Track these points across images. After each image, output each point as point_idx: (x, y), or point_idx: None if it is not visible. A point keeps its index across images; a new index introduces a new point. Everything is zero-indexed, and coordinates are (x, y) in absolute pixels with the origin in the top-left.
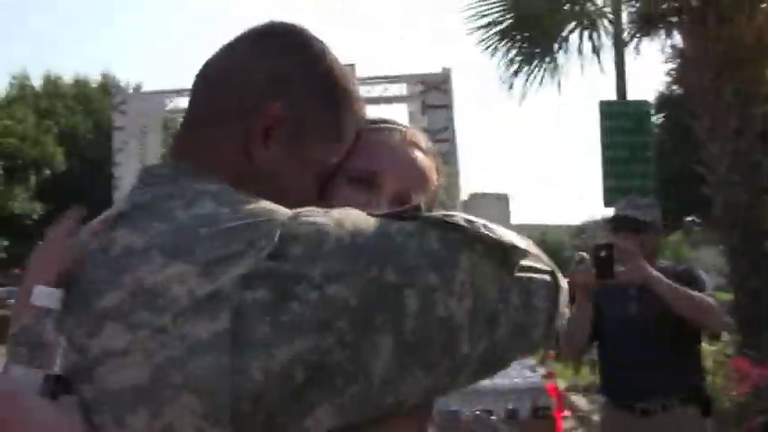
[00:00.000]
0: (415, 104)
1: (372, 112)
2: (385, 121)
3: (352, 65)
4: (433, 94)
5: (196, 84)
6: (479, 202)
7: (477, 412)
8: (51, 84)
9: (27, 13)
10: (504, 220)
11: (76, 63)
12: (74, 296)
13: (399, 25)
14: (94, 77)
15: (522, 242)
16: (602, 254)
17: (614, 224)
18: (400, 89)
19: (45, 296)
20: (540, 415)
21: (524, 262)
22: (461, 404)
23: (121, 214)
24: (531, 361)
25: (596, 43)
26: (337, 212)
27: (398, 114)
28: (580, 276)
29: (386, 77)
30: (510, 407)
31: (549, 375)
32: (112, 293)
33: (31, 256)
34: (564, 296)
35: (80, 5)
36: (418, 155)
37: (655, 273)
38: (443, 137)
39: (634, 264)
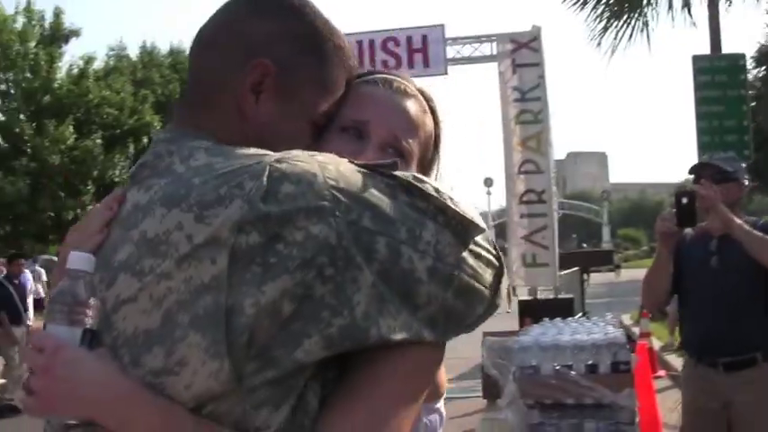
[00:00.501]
0: (505, 63)
1: (462, 71)
2: (374, 72)
3: (442, 25)
4: (523, 52)
5: (192, 49)
6: (577, 160)
7: (557, 367)
8: (147, 53)
9: None
10: (602, 178)
11: (172, 32)
12: (97, 256)
13: None
14: (189, 45)
15: (480, 222)
16: (684, 201)
17: (696, 173)
18: (490, 48)
19: (79, 260)
20: (621, 370)
21: (478, 239)
22: (541, 359)
23: (131, 176)
24: (614, 317)
25: None
26: (322, 157)
27: (489, 73)
28: (661, 224)
29: (475, 37)
30: (590, 362)
31: (644, 335)
32: (124, 247)
33: (70, 228)
34: (504, 284)
35: None
36: (407, 102)
37: (736, 219)
38: (534, 95)
39: (714, 209)
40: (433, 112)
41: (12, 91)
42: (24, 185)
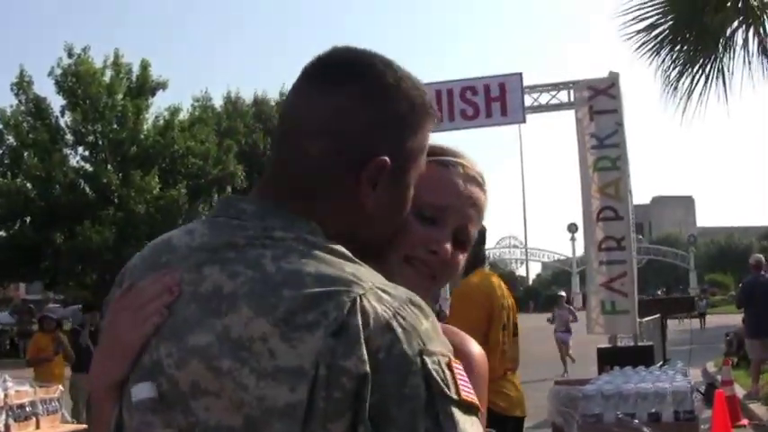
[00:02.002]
0: (582, 110)
1: (540, 119)
2: (441, 152)
3: (520, 74)
4: (600, 98)
5: (281, 124)
6: (663, 204)
7: (620, 415)
8: (231, 103)
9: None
10: (689, 222)
11: (256, 83)
12: (164, 327)
13: (564, 31)
14: (272, 96)
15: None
16: None
17: None
18: (567, 95)
19: (144, 390)
20: (683, 418)
21: None
22: (604, 407)
23: (206, 248)
24: (684, 366)
25: (762, 39)
26: (415, 314)
27: (566, 120)
28: None
29: (552, 84)
30: (653, 410)
31: (726, 383)
32: (201, 333)
33: (113, 300)
34: None
35: (259, 30)
36: (477, 191)
37: None
38: (612, 141)
39: None
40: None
41: (100, 142)
42: (111, 234)
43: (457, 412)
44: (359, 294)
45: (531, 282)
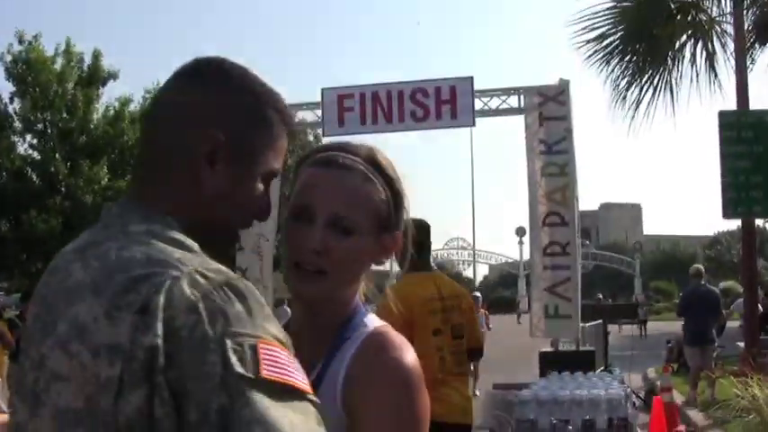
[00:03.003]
0: (532, 116)
1: (490, 123)
2: (322, 149)
3: (471, 77)
4: (550, 105)
5: (142, 123)
6: (612, 211)
7: (554, 421)
8: None
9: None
10: (636, 229)
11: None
12: (40, 312)
13: (514, 37)
14: None
15: None
16: None
17: None
18: (517, 101)
19: None
20: (617, 426)
21: None
22: (538, 413)
23: (78, 249)
24: (621, 372)
25: (711, 53)
26: (229, 294)
27: (516, 126)
28: None
29: (503, 90)
30: (587, 417)
31: (665, 389)
32: (62, 323)
33: None
34: None
35: (215, 23)
36: (345, 178)
37: None
38: (561, 148)
39: None
40: (384, 174)
41: (48, 131)
42: (57, 224)
43: (255, 392)
44: (172, 277)
45: (477, 284)
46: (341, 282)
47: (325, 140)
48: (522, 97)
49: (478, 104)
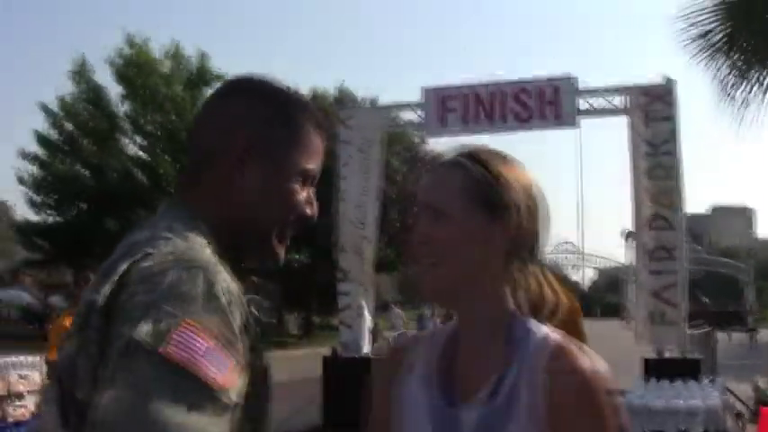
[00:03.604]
0: (637, 116)
1: (596, 123)
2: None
3: (575, 78)
4: (656, 105)
5: (189, 133)
6: (724, 215)
7: (646, 431)
8: None
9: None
10: (749, 233)
11: (313, 77)
12: None
13: (619, 36)
14: (331, 91)
15: None
16: None
17: None
18: (622, 101)
19: None
20: None
21: None
22: (629, 422)
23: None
24: (724, 382)
25: None
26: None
27: (620, 126)
28: None
29: (608, 89)
30: (682, 428)
31: None
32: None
33: None
34: None
35: (318, 26)
36: (434, 173)
37: None
38: (667, 149)
39: None
40: (478, 159)
41: (156, 132)
42: None
43: (145, 362)
44: (146, 252)
45: (586, 288)
46: (458, 271)
47: (430, 141)
48: (626, 97)
49: (582, 104)
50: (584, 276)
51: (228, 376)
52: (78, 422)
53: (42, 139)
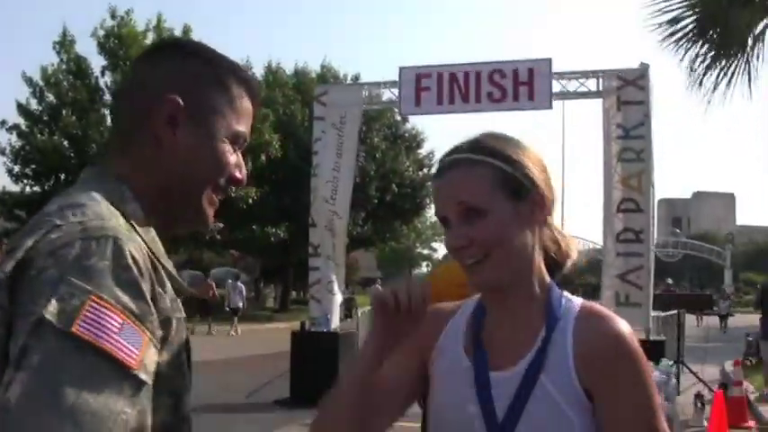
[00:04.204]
0: (610, 100)
1: (579, 106)
2: (438, 162)
3: (549, 59)
4: (629, 89)
5: (116, 96)
6: (704, 200)
7: None
8: (272, 73)
9: (258, 11)
10: (729, 219)
11: (297, 53)
12: None
13: (593, 20)
14: (314, 68)
15: None
16: None
17: None
18: (596, 84)
19: None
20: None
21: None
22: None
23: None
24: (672, 366)
25: None
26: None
27: (590, 109)
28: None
29: (581, 72)
30: None
31: (737, 383)
32: None
33: None
34: None
35: (303, 3)
36: (455, 175)
37: None
38: (638, 133)
39: None
40: (491, 151)
41: None
42: None
43: (55, 342)
44: (54, 225)
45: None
46: (502, 258)
47: (403, 120)
48: (600, 80)
49: (556, 87)
50: None
51: (143, 352)
52: None
53: (23, 110)
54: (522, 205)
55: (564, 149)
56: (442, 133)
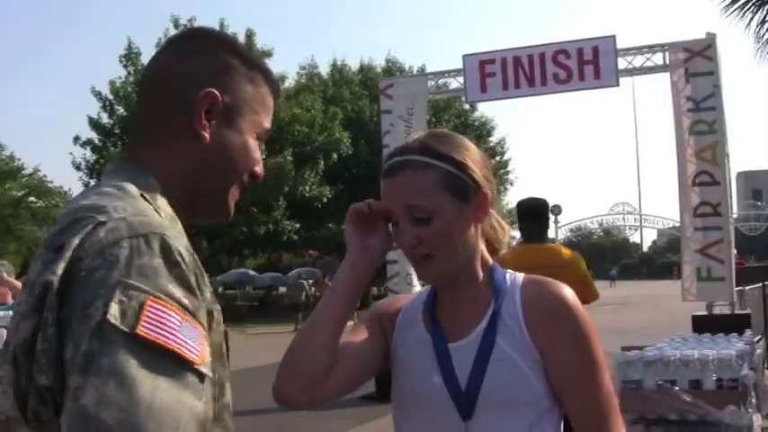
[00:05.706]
0: (678, 73)
1: (636, 82)
2: (386, 160)
3: (613, 36)
4: (696, 61)
5: (140, 86)
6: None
7: (660, 382)
8: (337, 71)
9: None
10: None
11: (362, 49)
12: None
13: None
14: (379, 62)
15: None
16: None
17: None
18: (662, 58)
19: None
20: (726, 386)
21: None
22: (643, 374)
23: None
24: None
25: None
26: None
27: (661, 83)
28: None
29: (647, 47)
30: (694, 378)
31: None
32: None
33: None
34: None
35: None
36: (401, 178)
37: None
38: (709, 105)
39: None
40: (438, 154)
41: None
42: None
43: (123, 346)
44: (98, 222)
45: (645, 248)
46: (449, 256)
47: (472, 109)
48: (666, 54)
49: (622, 63)
50: (643, 237)
51: (201, 346)
52: (38, 406)
53: (95, 124)
54: (468, 206)
55: (637, 126)
56: (512, 121)
